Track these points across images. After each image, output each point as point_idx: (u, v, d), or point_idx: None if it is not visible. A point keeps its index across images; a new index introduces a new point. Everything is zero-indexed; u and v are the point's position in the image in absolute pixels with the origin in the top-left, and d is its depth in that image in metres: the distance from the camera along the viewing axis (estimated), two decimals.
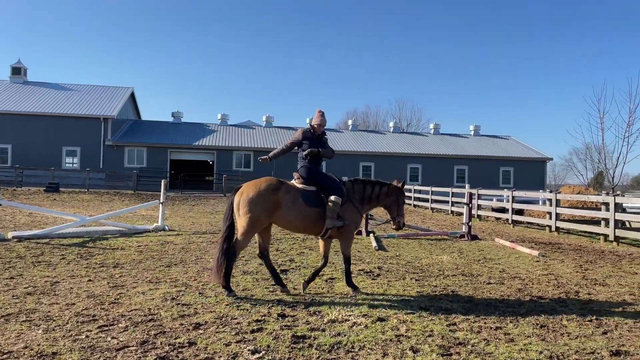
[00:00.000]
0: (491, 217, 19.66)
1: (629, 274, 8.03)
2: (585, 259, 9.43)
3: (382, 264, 8.08)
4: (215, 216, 16.14)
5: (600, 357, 4.02)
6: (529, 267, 8.25)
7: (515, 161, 41.78)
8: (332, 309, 5.18)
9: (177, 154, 38.02)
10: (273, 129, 43.63)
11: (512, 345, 4.24)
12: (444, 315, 5.13)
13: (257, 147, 38.35)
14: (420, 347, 4.12)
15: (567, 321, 5.04)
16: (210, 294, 5.67)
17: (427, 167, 40.48)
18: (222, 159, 37.95)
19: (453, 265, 8.27)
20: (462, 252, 9.89)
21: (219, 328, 4.46)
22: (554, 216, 14.86)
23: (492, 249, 10.45)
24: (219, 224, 13.50)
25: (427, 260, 8.71)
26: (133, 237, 10.39)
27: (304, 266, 7.64)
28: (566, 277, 7.53)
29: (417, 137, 46.44)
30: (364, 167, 39.86)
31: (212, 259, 5.91)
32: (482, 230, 14.82)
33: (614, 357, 4.04)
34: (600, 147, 21.57)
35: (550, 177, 71.71)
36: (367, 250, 9.60)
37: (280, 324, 4.62)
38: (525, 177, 41.05)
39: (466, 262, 8.60)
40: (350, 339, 4.24)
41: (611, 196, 12.81)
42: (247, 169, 38.17)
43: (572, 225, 14.41)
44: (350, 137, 43.86)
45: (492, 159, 41.43)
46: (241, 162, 38.34)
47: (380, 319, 4.87)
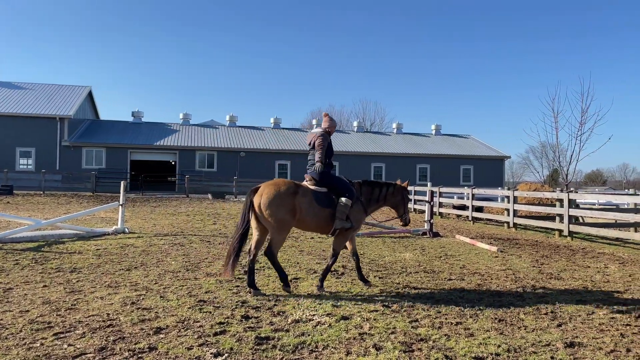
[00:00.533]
0: (452, 215, 20.09)
1: (582, 267, 8.36)
2: (541, 254, 9.76)
3: (346, 263, 8.13)
4: (178, 217, 15.87)
5: (555, 349, 4.17)
6: (488, 263, 8.48)
7: (475, 159, 42.83)
8: (296, 309, 5.18)
9: (138, 154, 37.15)
10: (237, 129, 43.22)
11: (471, 339, 4.35)
12: (406, 312, 5.21)
13: (221, 147, 37.91)
14: (383, 344, 4.17)
15: (524, 315, 5.20)
16: (171, 297, 5.57)
17: (390, 166, 40.99)
18: (184, 159, 37.33)
19: (415, 262, 8.41)
20: (424, 249, 10.07)
21: (180, 332, 4.38)
22: (511, 213, 15.32)
23: (453, 246, 10.68)
24: (181, 225, 13.28)
25: (390, 257, 8.82)
26: (91, 240, 10.09)
27: (268, 267, 7.59)
28: (523, 271, 7.78)
29: (380, 137, 46.95)
30: None
31: (225, 254, 5.97)
32: (443, 227, 15.12)
33: (568, 348, 4.19)
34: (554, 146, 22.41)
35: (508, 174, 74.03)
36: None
37: (243, 326, 4.58)
38: (485, 175, 42.14)
39: (428, 259, 8.76)
40: (314, 339, 4.25)
41: (565, 193, 13.31)
42: (210, 169, 37.69)
43: (529, 221, 14.89)
44: None
45: (453, 158, 42.35)
46: (204, 162, 37.81)
47: (344, 318, 4.90)
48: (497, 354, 4.00)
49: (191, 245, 9.62)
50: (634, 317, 5.19)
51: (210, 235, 11.31)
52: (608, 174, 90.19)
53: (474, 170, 42.60)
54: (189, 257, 8.32)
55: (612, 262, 8.97)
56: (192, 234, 11.47)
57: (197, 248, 9.32)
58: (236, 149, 38.22)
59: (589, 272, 7.93)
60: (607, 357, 4.01)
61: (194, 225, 13.64)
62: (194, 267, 7.40)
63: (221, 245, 9.71)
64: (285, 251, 9.21)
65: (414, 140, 45.78)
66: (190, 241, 10.24)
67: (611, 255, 9.93)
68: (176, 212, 18.27)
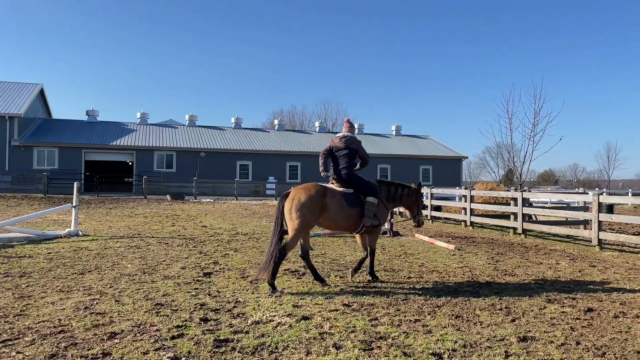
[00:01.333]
0: None
1: (534, 264, 8.65)
2: (496, 251, 10.05)
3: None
4: (135, 219, 15.46)
5: (509, 344, 4.29)
6: (446, 261, 8.66)
7: (433, 160, 43.72)
8: (256, 311, 5.13)
9: (93, 154, 36.00)
10: (197, 129, 42.54)
11: (429, 336, 4.43)
12: (366, 310, 5.25)
13: (180, 147, 37.22)
14: (343, 343, 4.19)
15: (479, 311, 5.34)
16: (127, 301, 5.41)
17: None
18: (142, 159, 36.42)
19: (376, 261, 8.48)
20: (385, 248, 10.19)
21: (136, 336, 4.26)
22: (468, 211, 15.71)
23: (412, 245, 10.86)
24: (138, 227, 12.95)
25: (352, 257, 8.87)
26: (42, 243, 9.69)
27: (228, 268, 7.50)
28: (479, 269, 7.99)
29: None
30: (291, 166, 39.95)
31: (264, 256, 6.30)
32: (403, 226, 15.34)
33: (521, 342, 4.33)
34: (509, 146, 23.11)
35: (465, 174, 75.91)
36: (293, 250, 9.59)
37: (202, 329, 4.50)
38: (443, 175, 43.08)
39: (388, 258, 8.87)
40: (274, 340, 4.22)
41: (519, 192, 13.77)
42: (169, 169, 36.93)
43: (485, 219, 15.32)
44: (276, 136, 43.77)
45: (413, 158, 43.08)
46: (163, 163, 37.01)
47: (304, 318, 4.90)
48: (453, 349, 4.09)
49: (148, 248, 9.39)
50: (583, 311, 5.41)
51: (168, 237, 11.08)
52: (560, 174, 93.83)
53: (433, 170, 43.47)
54: (146, 259, 8.12)
55: (563, 259, 9.33)
56: (150, 236, 11.20)
57: (154, 250, 9.10)
58: (196, 149, 37.61)
59: (541, 268, 8.22)
60: (558, 350, 4.16)
61: (151, 227, 13.33)
62: (151, 270, 7.22)
63: (180, 247, 9.53)
64: (246, 252, 9.13)
65: (375, 140, 46.30)
66: (147, 243, 9.99)
67: (562, 252, 10.33)
68: (133, 213, 17.80)
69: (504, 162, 66.00)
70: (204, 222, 15.16)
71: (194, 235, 11.52)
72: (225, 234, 11.92)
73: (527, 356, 3.99)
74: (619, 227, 16.56)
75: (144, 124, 41.45)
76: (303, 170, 40.03)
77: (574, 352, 4.12)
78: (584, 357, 3.99)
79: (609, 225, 16.59)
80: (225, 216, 17.58)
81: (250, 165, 38.97)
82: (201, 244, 10.06)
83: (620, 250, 10.88)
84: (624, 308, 5.59)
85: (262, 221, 15.83)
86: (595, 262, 9.02)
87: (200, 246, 9.78)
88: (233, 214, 18.57)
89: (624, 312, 5.40)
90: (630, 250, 10.92)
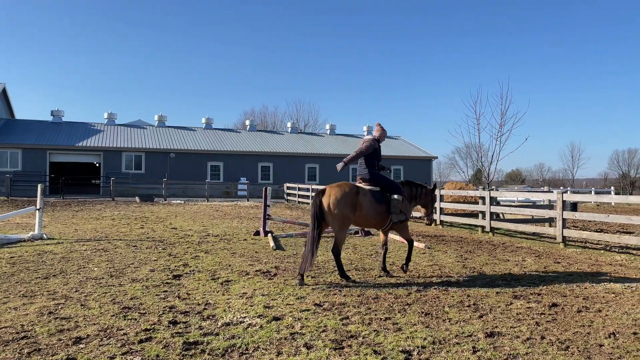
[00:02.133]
0: None
1: (502, 261, 8.85)
2: (465, 249, 10.23)
3: (279, 264, 8.10)
4: (102, 222, 15.11)
5: (476, 339, 4.37)
6: (416, 259, 8.76)
7: (405, 160, 44.22)
8: (226, 312, 5.09)
9: (58, 155, 35.04)
10: (166, 129, 41.91)
11: (399, 334, 4.47)
12: (337, 309, 5.27)
13: (149, 148, 36.58)
14: (314, 342, 4.19)
15: (448, 308, 5.42)
16: (93, 305, 5.29)
17: (324, 167, 41.38)
18: (109, 160, 35.65)
19: (347, 260, 8.53)
20: (356, 247, 10.24)
21: (102, 341, 4.17)
22: (438, 211, 15.95)
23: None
24: (105, 230, 12.67)
25: (323, 257, 8.88)
26: (5, 247, 9.37)
27: (198, 270, 7.41)
28: (449, 266, 8.11)
29: (314, 138, 47.30)
30: (263, 167, 39.76)
31: (304, 251, 6.59)
32: None
33: (489, 338, 4.42)
34: (477, 146, 23.57)
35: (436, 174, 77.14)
36: (264, 251, 9.57)
37: (171, 332, 4.43)
38: (414, 175, 43.57)
39: (359, 257, 8.92)
40: (245, 341, 4.19)
41: (487, 191, 14.05)
42: (138, 170, 36.25)
43: (455, 218, 15.57)
44: (248, 137, 43.50)
45: (385, 158, 42.89)
46: (131, 164, 36.30)
47: (275, 318, 4.88)
48: (423, 346, 4.14)
49: (116, 251, 9.19)
50: (548, 307, 5.56)
51: (137, 240, 10.87)
52: (526, 173, 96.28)
53: (404, 170, 43.96)
54: (113, 262, 7.94)
55: (529, 256, 9.57)
56: (118, 239, 10.97)
57: (122, 253, 8.92)
58: (166, 150, 37.04)
59: (508, 265, 8.41)
60: (524, 344, 4.26)
61: (119, 229, 13.05)
62: (118, 273, 7.07)
63: (148, 250, 9.37)
64: (217, 254, 9.04)
65: (347, 141, 46.52)
66: (115, 246, 9.78)
67: (528, 249, 10.60)
68: (100, 216, 17.41)
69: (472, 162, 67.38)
70: (174, 224, 14.94)
71: (164, 238, 11.34)
72: (196, 236, 11.77)
73: (494, 351, 4.07)
74: (582, 224, 17.09)
75: (111, 125, 40.61)
76: (275, 171, 39.90)
77: (539, 346, 4.23)
78: (548, 351, 4.10)
79: (572, 222, 17.10)
80: (196, 218, 17.37)
81: (222, 166, 38.61)
82: (171, 246, 9.91)
83: (583, 247, 11.23)
84: (586, 303, 5.77)
85: (234, 222, 15.71)
86: (560, 258, 9.28)
87: (169, 248, 9.63)
88: (204, 216, 18.36)
89: (586, 307, 5.57)
90: (593, 246, 11.28)
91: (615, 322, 4.97)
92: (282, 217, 17.43)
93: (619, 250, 10.51)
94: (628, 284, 6.89)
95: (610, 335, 4.52)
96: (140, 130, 40.56)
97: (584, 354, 4.05)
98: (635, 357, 4.00)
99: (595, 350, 4.16)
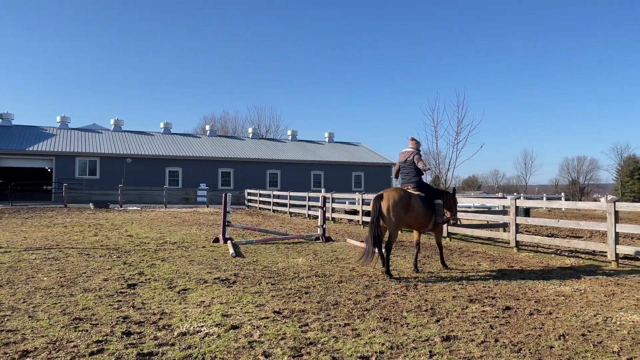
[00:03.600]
0: (344, 219, 20.72)
1: (458, 265, 9.04)
2: (423, 254, 10.40)
3: (238, 271, 7.99)
4: (53, 229, 14.52)
5: (433, 343, 4.44)
6: (376, 265, 8.83)
7: (365, 166, 44.69)
8: (183, 322, 4.97)
9: (7, 160, 33.53)
10: (123, 134, 40.84)
11: (358, 339, 4.49)
12: (297, 317, 5.24)
13: (105, 153, 35.54)
14: (273, 350, 4.15)
15: (407, 312, 5.49)
16: (42, 317, 5.06)
17: (285, 173, 41.30)
18: (62, 165, 34.38)
19: (308, 267, 8.52)
20: (317, 253, 10.25)
21: (51, 354, 3.99)
22: None
23: (344, 250, 11.00)
24: (57, 238, 12.18)
25: (284, 264, 8.84)
26: None
27: (154, 279, 7.22)
28: (407, 272, 8.22)
29: (276, 144, 47.17)
30: (223, 173, 39.30)
31: (365, 246, 7.70)
32: (335, 232, 15.52)
33: (445, 342, 4.49)
34: (435, 154, 24.09)
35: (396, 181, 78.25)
36: (224, 258, 9.43)
37: (124, 343, 4.29)
38: (375, 181, 44.12)
39: (320, 263, 8.92)
40: (202, 351, 4.11)
41: None
42: (92, 176, 35.12)
43: None
44: (208, 142, 42.92)
45: (346, 165, 43.80)
46: (85, 169, 35.14)
47: (233, 327, 4.81)
48: (381, 351, 4.17)
49: (67, 259, 8.85)
50: (502, 310, 5.72)
51: (90, 248, 10.50)
52: (482, 179, 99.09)
53: (365, 176, 44.42)
54: (64, 272, 7.64)
55: (484, 260, 9.82)
56: (70, 247, 10.56)
57: (74, 262, 8.59)
58: (122, 155, 36.06)
59: (464, 269, 8.60)
60: (478, 347, 4.36)
61: (72, 237, 12.58)
62: (69, 283, 6.80)
63: (102, 258, 9.06)
64: (174, 261, 8.84)
65: (308, 147, 46.62)
66: (66, 255, 9.41)
67: (484, 254, 10.88)
68: (52, 223, 16.73)
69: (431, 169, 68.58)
70: (130, 231, 14.52)
71: (119, 245, 11.00)
72: (153, 243, 11.48)
73: (450, 355, 4.14)
74: (534, 229, 17.69)
75: (64, 129, 39.24)
76: (236, 177, 39.50)
77: (492, 349, 4.34)
78: (501, 354, 4.21)
79: (525, 227, 17.68)
80: (153, 225, 16.95)
81: (180, 172, 37.91)
82: (126, 254, 9.62)
83: (535, 251, 11.62)
84: (538, 306, 5.97)
85: (192, 229, 15.42)
86: (513, 262, 9.57)
87: (124, 256, 9.35)
88: (161, 222, 17.94)
89: (538, 310, 5.76)
90: (544, 251, 11.69)
91: (565, 324, 5.16)
92: (242, 224, 17.26)
93: (569, 254, 10.94)
94: (577, 287, 7.18)
95: (560, 337, 4.69)
96: (95, 134, 39.36)
97: (536, 356, 4.18)
98: (584, 358, 4.16)
99: (546, 351, 4.30)
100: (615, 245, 9.16)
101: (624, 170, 79.56)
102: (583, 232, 16.50)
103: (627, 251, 9.42)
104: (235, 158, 39.75)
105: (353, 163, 44.10)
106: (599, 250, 10.21)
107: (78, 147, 35.56)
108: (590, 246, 10.39)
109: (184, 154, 38.22)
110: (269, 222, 20.17)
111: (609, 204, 9.30)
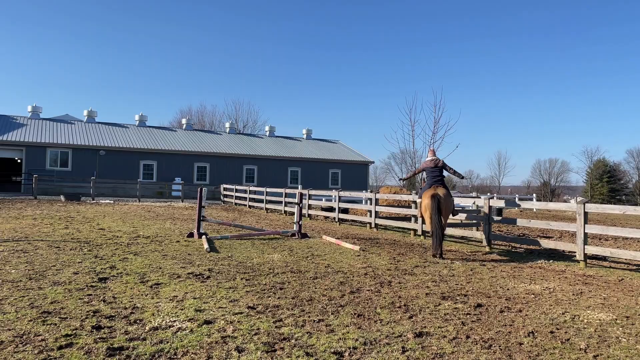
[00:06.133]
0: (320, 216, 20.76)
1: (432, 263, 9.15)
2: (398, 252, 10.50)
3: (213, 266, 7.93)
4: (22, 221, 14.15)
5: (406, 339, 4.48)
6: (351, 262, 8.88)
7: (342, 164, 44.81)
8: (155, 316, 4.90)
9: None
10: (96, 125, 40.04)
11: (332, 335, 4.50)
12: (271, 312, 5.23)
13: (77, 144, 34.77)
14: (246, 346, 4.13)
15: (380, 309, 5.53)
16: (9, 310, 4.92)
17: (262, 169, 41.11)
18: (32, 156, 33.52)
19: (283, 263, 8.50)
20: (293, 250, 10.23)
21: (18, 347, 3.89)
22: (373, 214, 16.27)
23: (319, 246, 11.02)
24: (26, 230, 11.86)
25: (259, 259, 8.80)
26: None
27: (126, 273, 7.10)
28: (382, 269, 8.29)
29: (253, 139, 46.88)
30: (199, 167, 38.89)
31: (434, 237, 10.02)
32: (312, 228, 15.53)
33: (417, 338, 4.54)
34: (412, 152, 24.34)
35: (372, 178, 78.61)
36: (198, 253, 9.34)
37: (94, 337, 4.21)
38: (351, 179, 44.31)
39: (295, 260, 8.91)
40: (174, 345, 4.06)
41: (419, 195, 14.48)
42: (64, 168, 34.34)
43: (389, 222, 15.95)
44: (184, 136, 42.40)
45: (323, 162, 43.84)
46: (57, 161, 34.32)
47: (206, 322, 4.76)
48: (354, 347, 4.19)
49: (36, 252, 8.63)
50: (473, 307, 5.81)
51: (60, 241, 10.26)
52: (457, 179, 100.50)
53: (342, 174, 44.54)
54: (33, 264, 7.45)
55: (457, 258, 9.96)
56: (39, 239, 10.31)
57: (43, 255, 8.38)
58: (95, 147, 35.35)
59: (437, 267, 8.71)
60: (450, 344, 4.42)
61: (41, 229, 12.28)
62: (38, 276, 6.64)
63: (73, 251, 8.87)
64: (147, 256, 8.71)
65: (286, 143, 46.49)
66: (35, 247, 9.18)
67: (457, 252, 11.04)
68: (20, 215, 16.30)
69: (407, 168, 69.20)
70: (102, 224, 14.25)
71: (90, 239, 10.79)
72: (125, 237, 11.29)
73: (422, 351, 4.19)
74: (507, 229, 18.02)
75: (35, 118, 38.25)
76: (212, 172, 39.14)
77: (464, 345, 4.40)
78: (472, 350, 4.28)
79: (498, 227, 18.00)
80: (126, 218, 16.67)
81: (155, 165, 37.37)
82: (97, 248, 9.44)
83: (508, 250, 11.84)
84: (508, 303, 6.09)
85: (166, 224, 15.22)
86: (485, 261, 9.74)
87: (96, 250, 9.17)
88: (134, 216, 17.66)
89: (508, 307, 5.88)
90: (515, 250, 11.93)
91: (534, 322, 5.27)
92: (217, 219, 17.11)
93: (539, 254, 11.18)
94: (546, 285, 7.34)
95: (529, 334, 4.79)
96: (68, 125, 38.48)
97: (505, 352, 4.26)
98: (552, 355, 4.25)
99: (516, 348, 4.39)
100: (584, 245, 9.41)
101: (594, 173, 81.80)
102: (553, 233, 16.88)
103: (595, 251, 9.68)
104: (212, 153, 39.38)
105: (330, 160, 44.17)
106: (569, 250, 10.46)
107: (49, 137, 34.72)
108: (560, 246, 10.65)
109: (159, 148, 37.67)
110: (245, 217, 20.06)
111: (579, 206, 9.53)
